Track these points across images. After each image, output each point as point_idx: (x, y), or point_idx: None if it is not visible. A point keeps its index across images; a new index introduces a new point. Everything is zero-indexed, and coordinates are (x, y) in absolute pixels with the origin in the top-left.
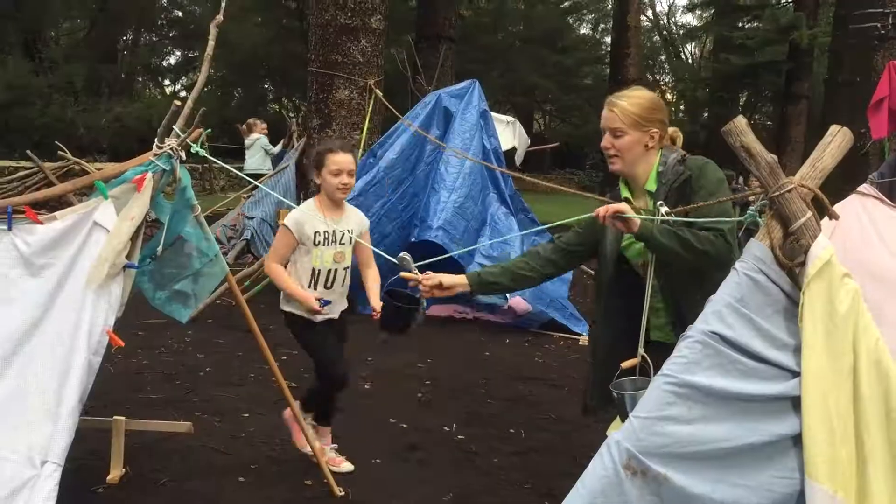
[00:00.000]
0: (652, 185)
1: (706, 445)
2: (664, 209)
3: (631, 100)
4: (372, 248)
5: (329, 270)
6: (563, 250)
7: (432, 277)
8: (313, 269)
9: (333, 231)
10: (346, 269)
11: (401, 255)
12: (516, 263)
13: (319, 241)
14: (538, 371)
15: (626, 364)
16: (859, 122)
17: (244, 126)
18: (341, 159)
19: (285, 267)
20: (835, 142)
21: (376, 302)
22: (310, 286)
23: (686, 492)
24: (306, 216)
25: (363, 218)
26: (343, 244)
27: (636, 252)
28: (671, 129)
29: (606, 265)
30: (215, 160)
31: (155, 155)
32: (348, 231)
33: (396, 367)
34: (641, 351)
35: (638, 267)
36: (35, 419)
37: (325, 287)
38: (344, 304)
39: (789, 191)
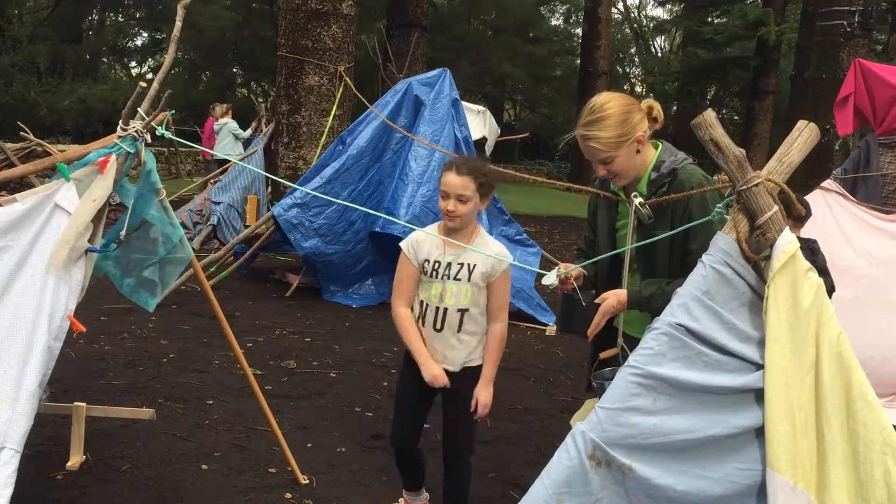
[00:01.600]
0: (643, 189)
1: (670, 437)
2: (638, 200)
3: (601, 125)
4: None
5: (437, 309)
6: (593, 250)
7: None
8: (421, 302)
9: (449, 264)
10: (459, 311)
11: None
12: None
13: (427, 271)
14: (505, 361)
15: (604, 354)
16: (824, 118)
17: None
18: (449, 180)
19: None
20: (802, 137)
21: (484, 391)
22: (417, 321)
23: (650, 483)
24: (421, 238)
25: (500, 254)
26: (458, 280)
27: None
28: (645, 105)
29: (601, 249)
30: (184, 141)
31: (119, 137)
32: (465, 266)
33: (362, 355)
34: (621, 341)
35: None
36: None
37: (435, 329)
38: (466, 358)
39: (756, 185)
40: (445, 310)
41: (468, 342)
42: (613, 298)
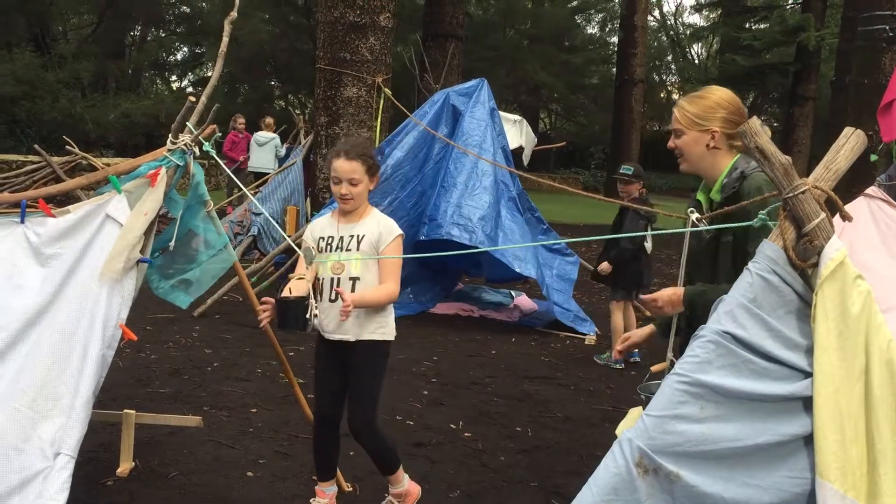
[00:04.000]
0: (717, 195)
1: (718, 445)
2: (694, 216)
3: (692, 99)
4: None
5: (332, 280)
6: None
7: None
8: (319, 280)
9: (341, 238)
10: (351, 279)
11: (305, 247)
12: None
13: (322, 248)
14: (544, 370)
15: (655, 368)
16: (866, 124)
17: (266, 121)
18: (338, 166)
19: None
20: (848, 144)
21: (350, 294)
22: (317, 299)
23: (698, 490)
24: (320, 221)
25: (388, 228)
26: (349, 251)
27: None
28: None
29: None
30: (219, 160)
31: (169, 150)
32: (355, 237)
33: (402, 364)
34: (670, 355)
35: None
36: (48, 411)
37: (330, 300)
38: (360, 330)
39: (803, 192)
40: (339, 280)
41: (360, 311)
42: (670, 290)
